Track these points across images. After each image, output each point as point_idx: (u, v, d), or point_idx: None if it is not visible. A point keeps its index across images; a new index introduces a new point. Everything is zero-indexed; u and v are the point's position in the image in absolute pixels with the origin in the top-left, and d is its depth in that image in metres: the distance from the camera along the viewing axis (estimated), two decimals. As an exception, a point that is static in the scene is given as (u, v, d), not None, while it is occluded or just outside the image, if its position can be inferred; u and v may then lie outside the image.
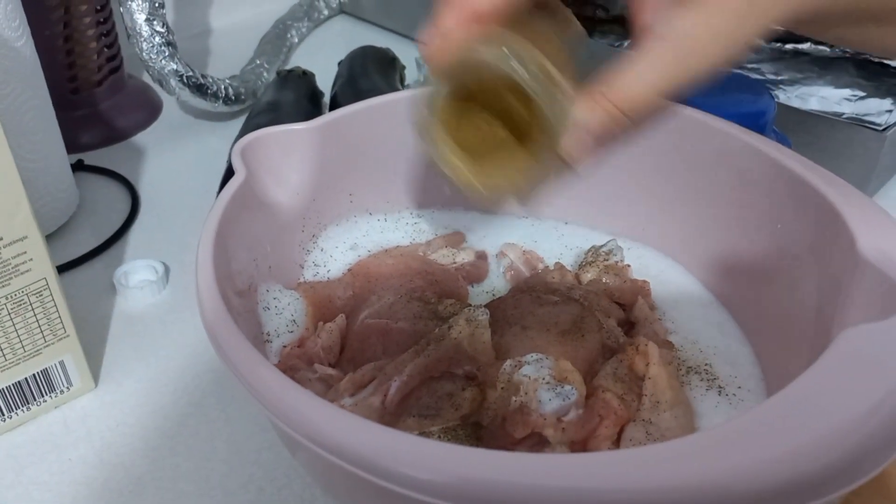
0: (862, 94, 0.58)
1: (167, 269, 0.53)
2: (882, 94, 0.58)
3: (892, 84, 0.59)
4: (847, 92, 0.59)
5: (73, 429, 0.43)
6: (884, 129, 0.54)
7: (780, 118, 0.50)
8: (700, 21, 0.28)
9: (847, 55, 0.63)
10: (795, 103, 0.58)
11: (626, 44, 0.67)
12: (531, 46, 0.29)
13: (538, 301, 0.37)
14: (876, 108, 0.56)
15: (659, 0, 0.30)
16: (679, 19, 0.28)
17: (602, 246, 0.43)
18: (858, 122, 0.55)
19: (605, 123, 0.29)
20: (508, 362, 0.33)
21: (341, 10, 0.93)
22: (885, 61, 0.62)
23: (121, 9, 0.62)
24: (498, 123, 0.33)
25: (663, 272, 0.43)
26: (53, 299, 0.41)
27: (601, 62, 0.30)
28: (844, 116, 0.56)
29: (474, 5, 0.29)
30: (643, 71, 0.29)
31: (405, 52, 0.74)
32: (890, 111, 0.56)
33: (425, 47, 0.31)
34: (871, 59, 0.62)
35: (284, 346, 0.37)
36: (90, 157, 0.65)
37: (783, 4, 0.29)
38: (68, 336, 0.42)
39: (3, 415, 0.42)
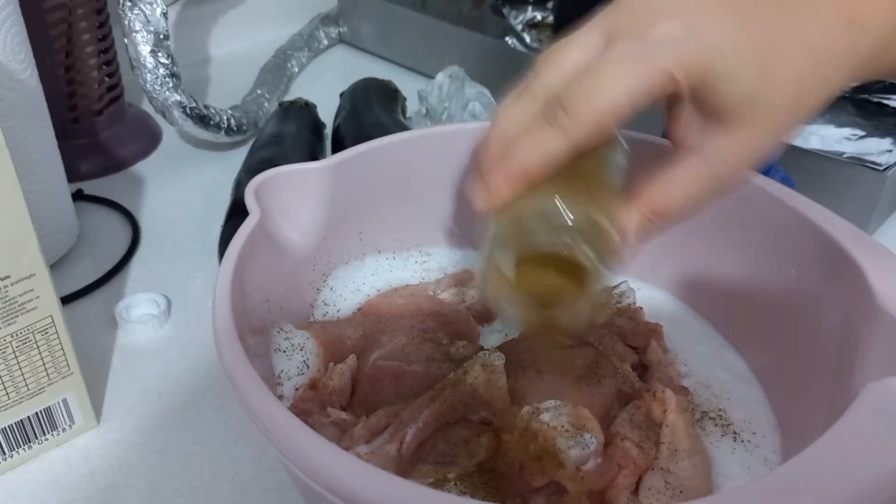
0: (861, 133, 0.59)
1: (169, 303, 0.53)
2: (881, 134, 0.59)
3: (891, 124, 0.60)
4: (847, 131, 0.59)
5: (75, 468, 0.42)
6: (884, 170, 0.55)
7: (782, 156, 0.50)
8: (735, 143, 0.30)
9: (846, 94, 0.64)
10: (797, 142, 0.58)
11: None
12: (574, 199, 0.31)
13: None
14: (876, 148, 0.57)
15: (691, 117, 0.31)
16: (714, 140, 0.30)
17: (614, 288, 0.43)
18: (859, 162, 0.55)
19: (647, 231, 0.32)
20: (526, 409, 0.33)
21: (341, 40, 0.93)
22: (883, 101, 0.63)
23: (125, 40, 0.62)
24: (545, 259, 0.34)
25: (674, 314, 0.43)
26: (59, 337, 0.40)
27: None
28: (845, 156, 0.56)
29: (525, 167, 0.30)
30: (682, 186, 0.31)
31: (404, 83, 0.75)
32: (890, 151, 0.57)
33: (478, 203, 0.33)
34: (870, 98, 0.63)
35: (297, 389, 0.37)
36: (89, 187, 0.65)
37: (828, 96, 0.30)
38: (72, 374, 0.42)
39: (5, 454, 0.41)
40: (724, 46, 0.28)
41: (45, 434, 0.42)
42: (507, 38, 0.76)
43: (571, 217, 0.31)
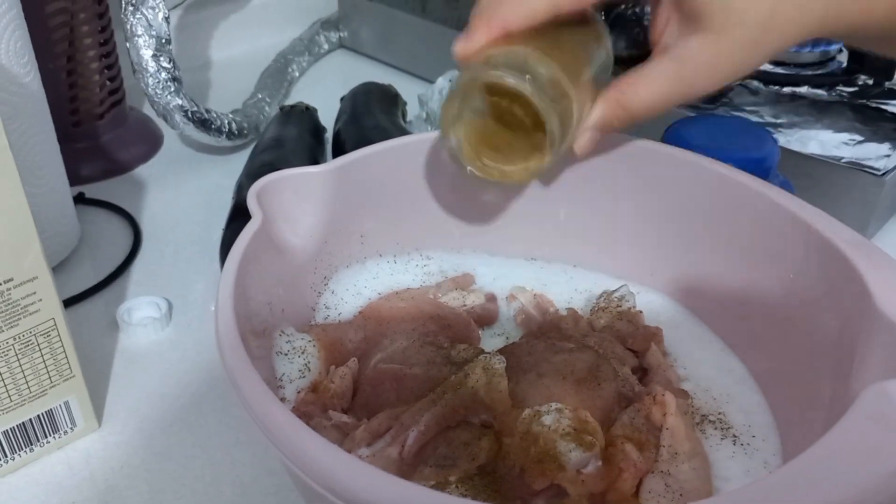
0: (860, 138, 0.59)
1: (170, 306, 0.53)
2: (880, 139, 0.59)
3: (890, 129, 0.60)
4: (845, 136, 0.60)
5: (76, 471, 0.42)
6: (883, 174, 0.55)
7: (780, 161, 0.51)
8: (705, 45, 0.31)
9: (844, 100, 0.64)
10: (795, 147, 0.59)
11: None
12: (544, 58, 0.33)
13: (553, 348, 0.38)
14: (874, 153, 0.57)
15: (670, 15, 0.32)
16: (686, 40, 0.31)
17: (614, 291, 0.44)
18: (858, 167, 0.56)
19: (613, 123, 0.34)
20: (527, 412, 0.33)
21: (341, 45, 0.94)
22: (882, 106, 0.63)
23: (127, 44, 0.62)
24: (512, 118, 0.36)
25: (673, 318, 0.43)
26: (61, 339, 0.41)
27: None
28: (844, 161, 0.57)
29: (506, 23, 0.32)
30: (651, 83, 0.33)
31: (405, 87, 0.75)
32: (888, 156, 0.57)
33: (457, 56, 0.35)
34: (868, 104, 0.63)
35: (299, 392, 0.37)
36: (91, 190, 0.65)
37: (795, 34, 0.31)
38: (74, 376, 0.42)
39: (6, 456, 0.41)
40: None
41: (46, 436, 0.42)
42: (507, 43, 0.76)
43: (540, 69, 0.33)
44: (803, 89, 0.65)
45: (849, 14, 0.31)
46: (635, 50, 0.69)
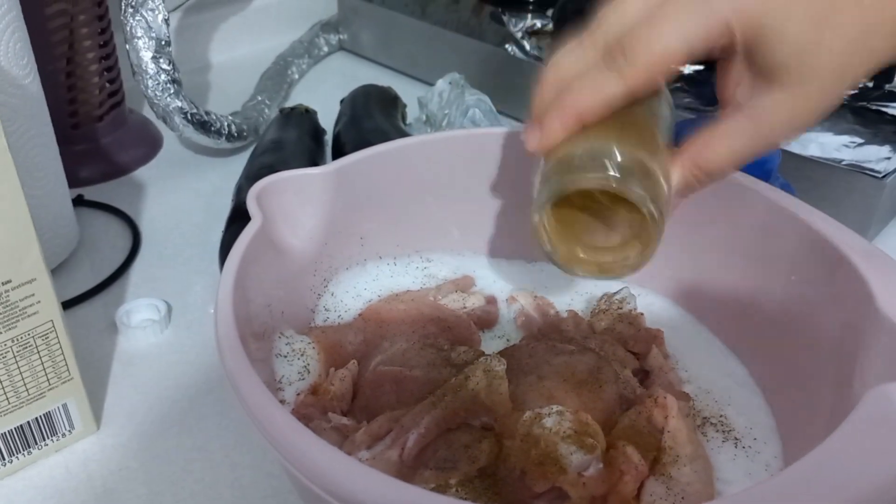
0: (860, 140, 0.59)
1: (169, 308, 0.53)
2: (880, 142, 0.59)
3: (890, 131, 0.60)
4: (846, 139, 0.60)
5: (74, 473, 0.42)
6: (883, 177, 0.55)
7: (781, 163, 0.51)
8: (781, 101, 0.31)
9: (844, 102, 0.64)
10: (795, 149, 0.59)
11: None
12: (629, 148, 0.32)
13: (554, 350, 0.37)
14: (875, 156, 0.57)
15: (741, 74, 0.31)
16: (761, 97, 0.31)
17: (615, 293, 0.43)
18: (858, 169, 0.56)
19: (694, 186, 0.33)
20: (528, 414, 0.33)
21: (341, 47, 0.94)
22: (882, 108, 0.63)
23: (127, 46, 0.62)
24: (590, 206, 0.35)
25: (673, 320, 0.43)
26: (59, 342, 0.40)
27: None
28: (844, 163, 0.57)
29: (580, 108, 0.32)
30: (726, 141, 0.32)
31: (404, 90, 0.75)
32: (888, 158, 0.57)
33: (532, 152, 0.33)
34: (869, 106, 0.63)
35: (298, 394, 0.37)
36: (90, 192, 0.65)
37: (865, 72, 0.31)
38: (72, 379, 0.42)
39: (4, 459, 0.41)
40: (780, 2, 0.29)
41: (44, 439, 0.42)
42: (506, 46, 0.76)
43: (622, 157, 0.31)
44: (804, 92, 0.65)
45: None
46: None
